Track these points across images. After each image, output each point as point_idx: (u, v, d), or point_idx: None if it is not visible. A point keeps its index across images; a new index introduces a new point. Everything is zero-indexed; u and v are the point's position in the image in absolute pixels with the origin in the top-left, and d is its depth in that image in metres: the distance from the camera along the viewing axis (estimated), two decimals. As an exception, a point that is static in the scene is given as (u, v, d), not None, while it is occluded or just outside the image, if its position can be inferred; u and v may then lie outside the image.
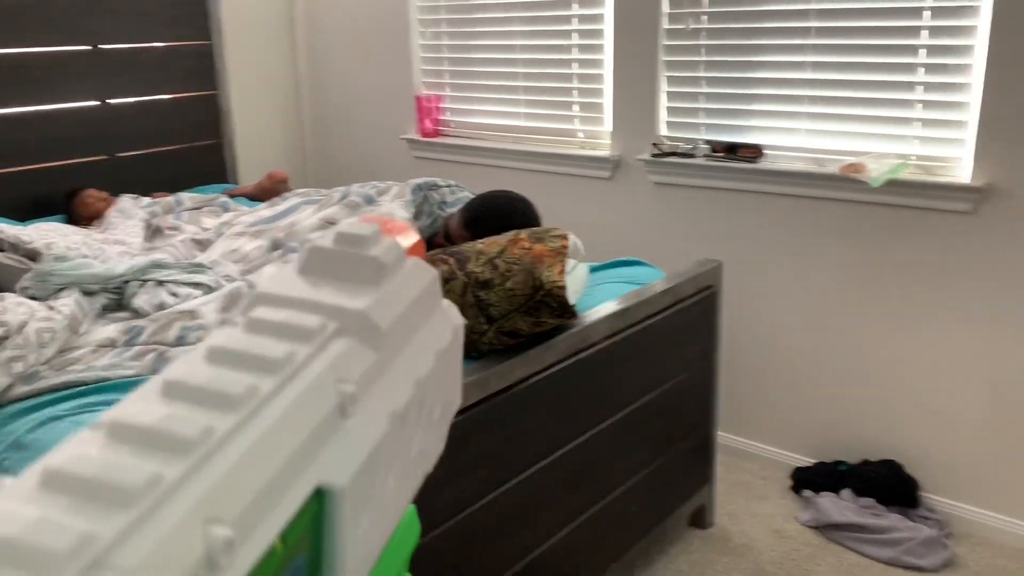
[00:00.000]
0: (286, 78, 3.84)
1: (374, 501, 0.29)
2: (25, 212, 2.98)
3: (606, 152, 2.91)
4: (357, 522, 0.28)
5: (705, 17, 2.60)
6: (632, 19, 2.74)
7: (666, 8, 2.67)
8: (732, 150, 2.59)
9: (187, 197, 2.95)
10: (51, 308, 1.92)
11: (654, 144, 2.74)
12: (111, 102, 3.28)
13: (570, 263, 1.85)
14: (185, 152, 3.52)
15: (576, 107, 3.00)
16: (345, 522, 0.27)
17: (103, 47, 3.23)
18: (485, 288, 1.70)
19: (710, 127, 2.68)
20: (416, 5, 3.36)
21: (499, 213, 2.11)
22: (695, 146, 2.68)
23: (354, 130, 3.73)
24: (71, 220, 2.91)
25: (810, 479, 2.53)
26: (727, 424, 2.81)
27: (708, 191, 2.69)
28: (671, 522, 2.27)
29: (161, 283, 2.10)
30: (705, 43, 2.62)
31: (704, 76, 2.65)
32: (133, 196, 3.01)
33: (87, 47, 3.18)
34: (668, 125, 2.77)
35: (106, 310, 2.07)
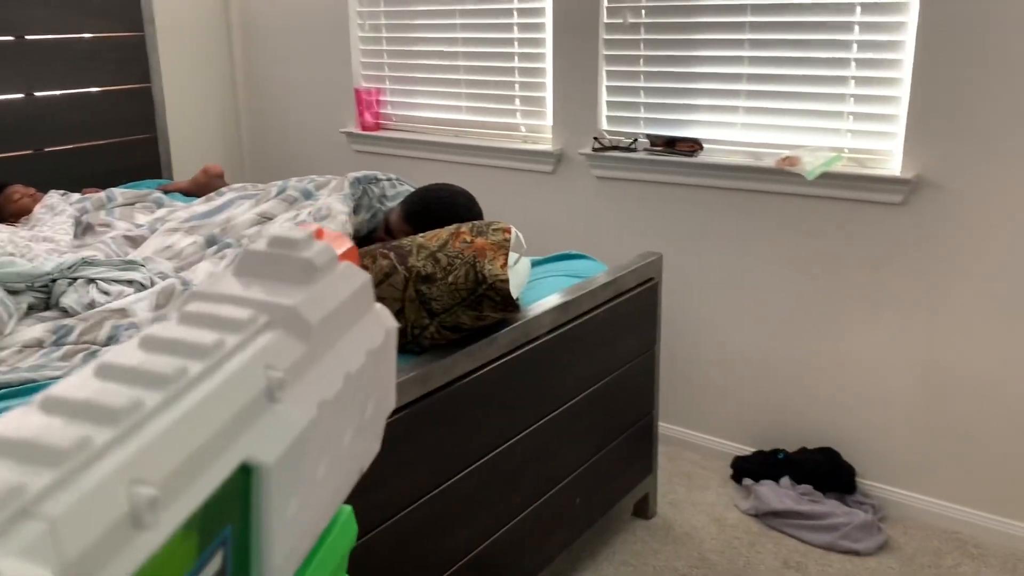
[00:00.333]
0: (222, 70, 3.76)
1: (303, 486, 0.31)
2: (-54, 209, 2.87)
3: (548, 146, 2.91)
4: (285, 502, 0.30)
5: (643, 12, 2.62)
6: (572, 13, 2.75)
7: (606, 2, 2.68)
8: (671, 144, 2.61)
9: (119, 193, 2.87)
10: (-26, 308, 1.85)
11: (595, 139, 2.75)
12: (38, 94, 3.17)
13: (512, 257, 1.84)
14: (117, 146, 3.42)
15: (518, 101, 3.00)
16: (272, 499, 0.29)
17: (29, 37, 3.12)
18: (427, 282, 1.69)
19: (650, 121, 2.70)
20: (354, -3, 3.32)
21: (440, 207, 2.09)
22: (635, 140, 2.70)
23: (292, 123, 3.67)
24: (-5, 217, 2.81)
25: (750, 468, 2.57)
26: (668, 415, 2.84)
27: (649, 185, 2.71)
28: (614, 513, 2.29)
29: (91, 281, 2.04)
30: (644, 38, 2.64)
31: (643, 71, 2.67)
32: (62, 192, 2.91)
33: (11, 37, 3.07)
34: (609, 119, 2.78)
35: (33, 309, 2.00)
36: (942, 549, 2.30)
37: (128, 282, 2.07)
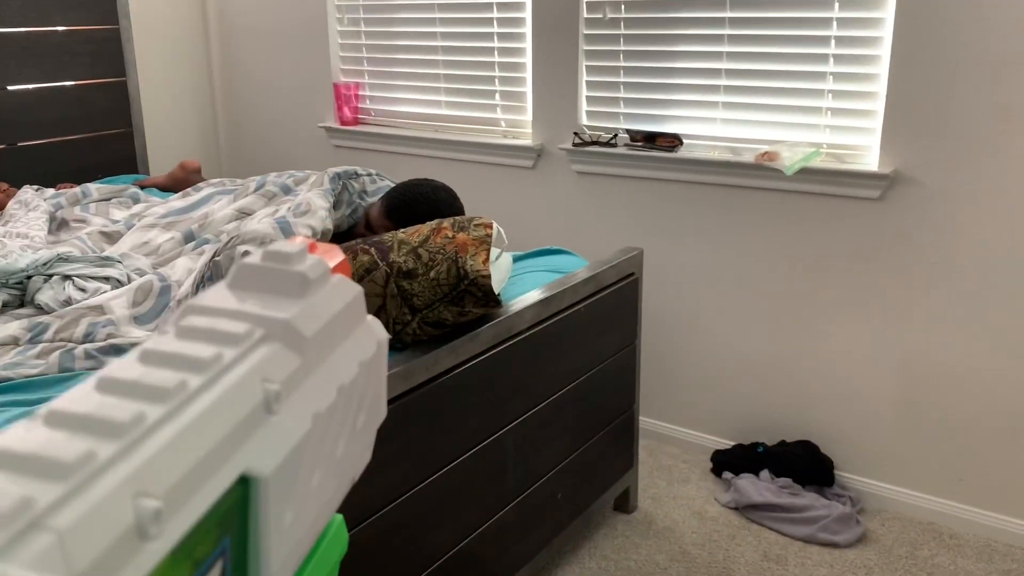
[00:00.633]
0: (198, 63, 3.72)
1: (299, 495, 0.32)
2: (-83, 204, 2.82)
3: (528, 141, 2.91)
4: (281, 512, 0.31)
5: (623, 7, 2.62)
6: (552, 7, 2.75)
7: (585, -3, 2.68)
8: (652, 139, 2.62)
9: (94, 188, 2.83)
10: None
11: (575, 134, 2.75)
12: (10, 88, 3.12)
13: (494, 252, 1.84)
14: (92, 141, 3.38)
15: (498, 96, 2.99)
16: (269, 509, 0.29)
17: (1, 30, 3.07)
18: (408, 278, 1.68)
19: (630, 116, 2.70)
20: (333, -9, 3.30)
21: (421, 202, 2.09)
22: (615, 135, 2.71)
23: (270, 118, 3.64)
24: (-32, 212, 2.76)
25: (730, 461, 2.59)
26: (649, 409, 2.86)
27: (629, 180, 2.71)
28: (596, 508, 2.29)
29: (67, 277, 2.01)
30: (624, 33, 2.64)
31: (623, 66, 2.67)
32: (35, 187, 2.87)
33: (-18, 30, 3.03)
34: (589, 115, 2.78)
35: (7, 307, 1.97)
36: (919, 540, 2.32)
37: (105, 279, 2.04)
